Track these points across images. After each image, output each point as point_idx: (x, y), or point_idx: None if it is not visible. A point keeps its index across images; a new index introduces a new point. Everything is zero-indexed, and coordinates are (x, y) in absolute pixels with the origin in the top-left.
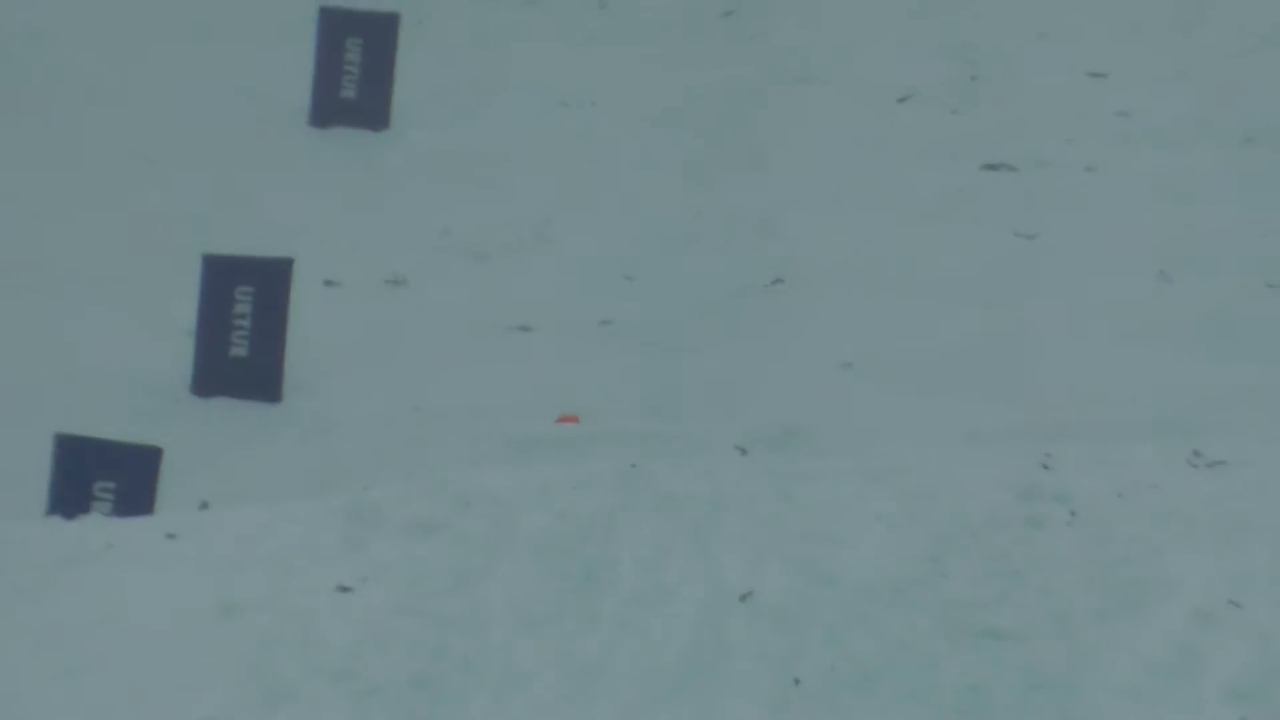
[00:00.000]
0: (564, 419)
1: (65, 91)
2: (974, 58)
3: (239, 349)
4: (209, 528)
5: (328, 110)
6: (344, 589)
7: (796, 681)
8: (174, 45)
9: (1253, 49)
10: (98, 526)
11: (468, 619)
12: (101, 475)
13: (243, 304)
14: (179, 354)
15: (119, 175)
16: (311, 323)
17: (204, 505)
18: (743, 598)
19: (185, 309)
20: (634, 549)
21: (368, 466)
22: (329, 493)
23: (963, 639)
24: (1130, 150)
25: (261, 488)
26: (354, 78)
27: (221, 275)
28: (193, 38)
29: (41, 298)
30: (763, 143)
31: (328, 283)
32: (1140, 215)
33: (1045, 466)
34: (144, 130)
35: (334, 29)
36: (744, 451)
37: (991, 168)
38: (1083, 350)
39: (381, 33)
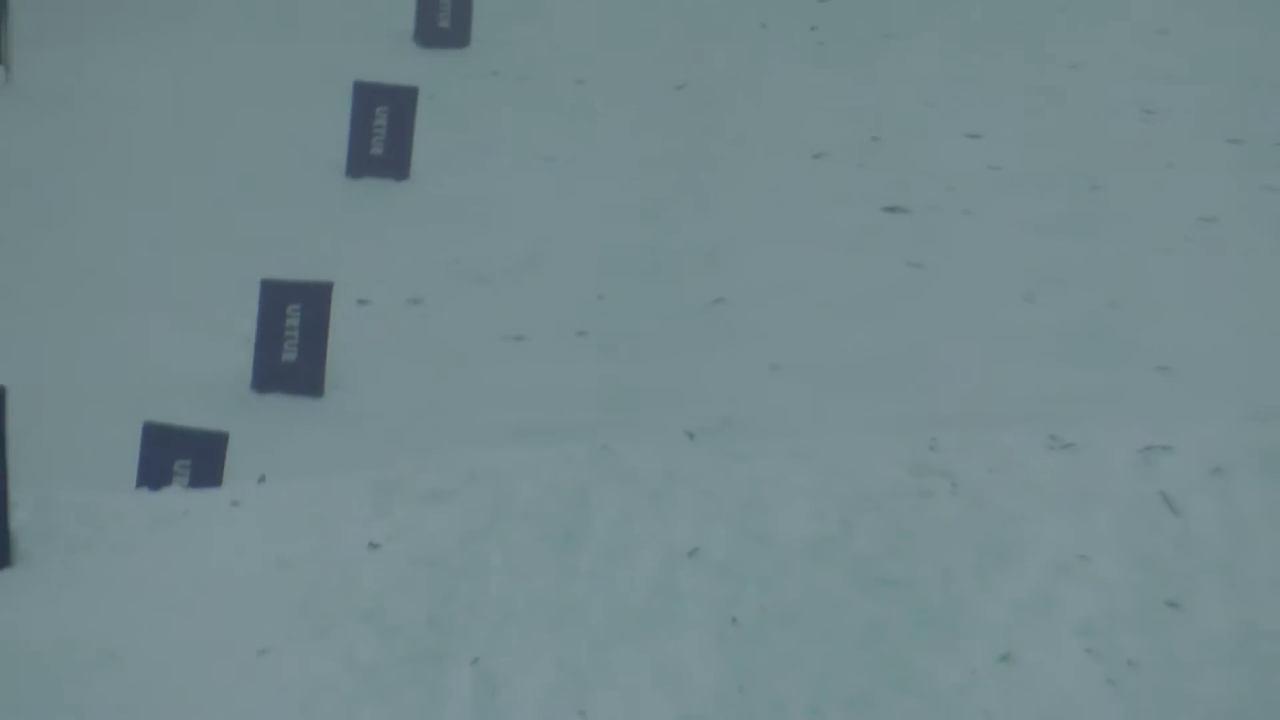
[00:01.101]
0: None
1: (149, 148)
2: (875, 123)
3: (289, 354)
4: (266, 497)
5: (360, 164)
6: (374, 545)
7: (734, 620)
8: (238, 112)
9: (1098, 116)
10: (177, 496)
11: (472, 570)
12: (179, 455)
13: (292, 319)
14: (241, 359)
15: (194, 216)
16: (347, 333)
17: (262, 479)
18: (691, 554)
19: (246, 323)
20: (604, 514)
21: (392, 448)
22: (361, 469)
23: (866, 586)
24: (1000, 196)
25: (308, 465)
26: (381, 138)
27: (275, 295)
28: (253, 106)
29: (132, 316)
30: (707, 191)
31: (360, 301)
32: (1008, 248)
33: (932, 448)
34: (213, 179)
35: (365, 99)
36: (692, 436)
37: (889, 210)
38: (962, 356)
39: (404, 102)
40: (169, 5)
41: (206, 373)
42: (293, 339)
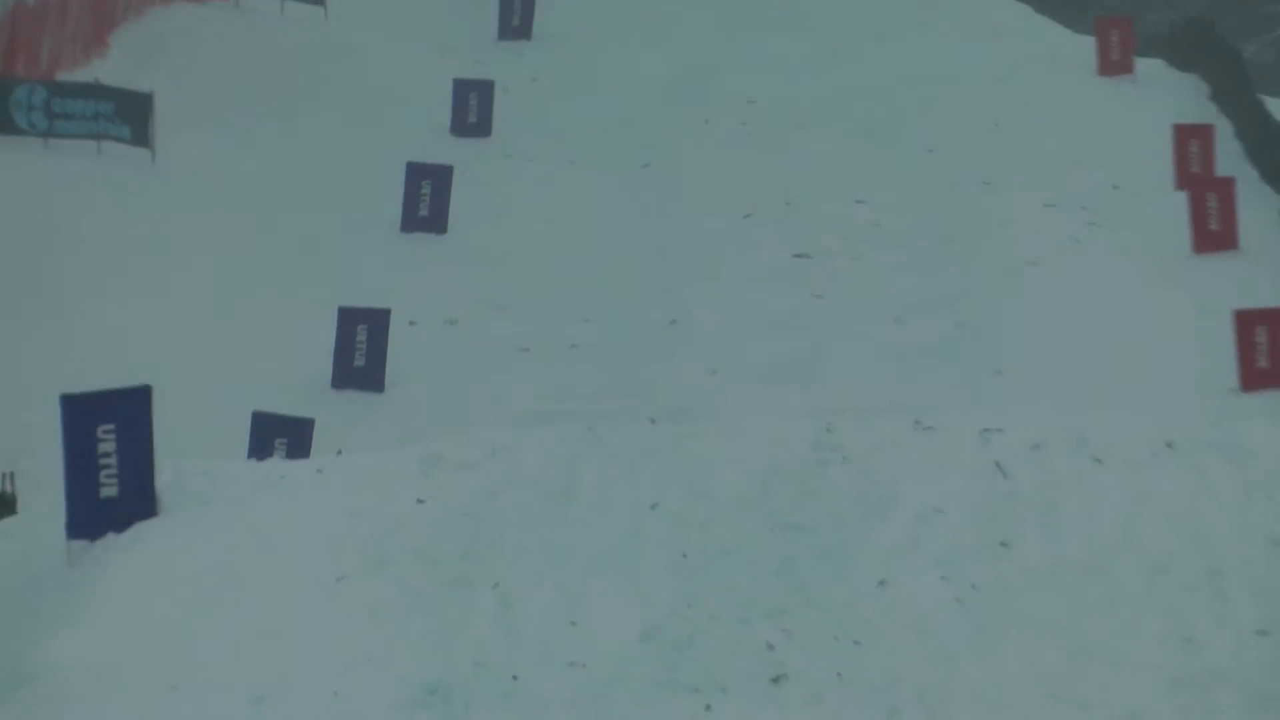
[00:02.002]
0: None
1: (256, 209)
2: (787, 192)
3: (359, 361)
4: (343, 466)
5: (411, 222)
6: (421, 501)
7: (684, 556)
8: (321, 183)
9: (949, 187)
10: (277, 465)
11: (493, 519)
12: (279, 435)
13: (361, 335)
14: (323, 365)
15: (288, 260)
16: (402, 346)
17: (339, 453)
18: (653, 507)
19: (326, 338)
20: (589, 479)
21: (434, 429)
22: (411, 445)
23: (780, 530)
24: (878, 245)
25: (372, 442)
26: (427, 203)
27: (348, 318)
28: (333, 179)
29: (243, 332)
30: (665, 241)
31: (411, 323)
32: (884, 284)
33: (828, 430)
34: (303, 232)
35: (415, 175)
36: (654, 421)
37: (798, 256)
38: (850, 362)
39: (443, 176)
40: (275, 106)
41: (298, 375)
42: (361, 350)
